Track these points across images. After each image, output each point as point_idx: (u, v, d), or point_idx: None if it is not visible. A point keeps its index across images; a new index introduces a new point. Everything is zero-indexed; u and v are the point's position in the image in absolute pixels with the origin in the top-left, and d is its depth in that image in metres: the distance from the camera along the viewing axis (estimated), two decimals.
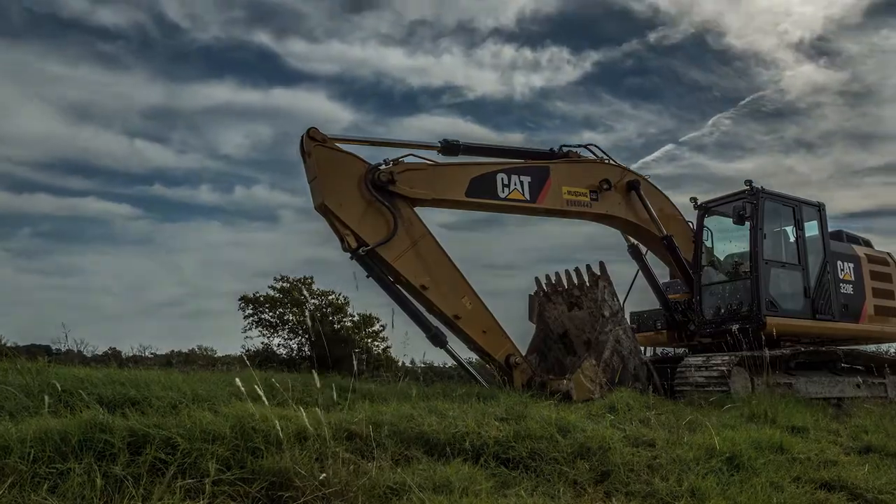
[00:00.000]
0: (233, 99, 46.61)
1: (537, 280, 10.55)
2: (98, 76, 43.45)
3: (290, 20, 47.37)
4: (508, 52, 56.83)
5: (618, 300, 9.65)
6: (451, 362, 9.12)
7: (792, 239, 10.74)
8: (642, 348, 10.58)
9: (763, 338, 9.10)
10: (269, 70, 49.67)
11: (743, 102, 53.58)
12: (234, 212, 54.93)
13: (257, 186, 56.35)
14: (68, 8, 38.89)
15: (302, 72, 52.31)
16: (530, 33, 54.68)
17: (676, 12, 52.57)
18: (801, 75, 55.38)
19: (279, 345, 26.00)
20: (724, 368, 8.79)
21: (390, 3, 52.30)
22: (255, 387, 4.58)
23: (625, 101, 58.19)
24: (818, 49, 53.83)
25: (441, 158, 9.34)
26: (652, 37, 52.51)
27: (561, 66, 57.47)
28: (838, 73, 54.92)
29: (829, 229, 11.20)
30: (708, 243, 11.27)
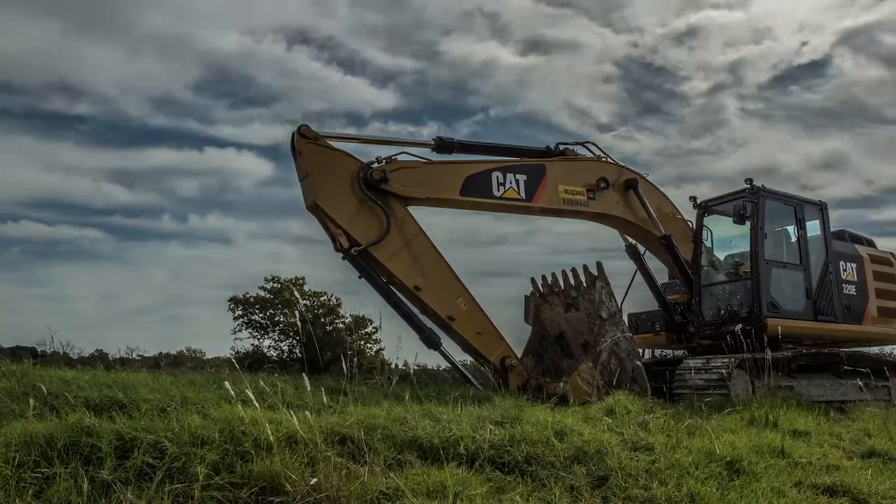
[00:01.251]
0: (178, 158, 62.98)
1: (533, 281, 10.45)
2: (70, 146, 60.31)
3: (206, 112, 64.88)
4: (394, 127, 71.21)
5: (615, 301, 9.56)
6: (445, 365, 9.04)
7: (793, 239, 10.64)
8: (640, 350, 10.49)
9: (765, 339, 9.00)
10: (204, 141, 65.43)
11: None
12: (190, 235, 65.94)
13: (210, 216, 68.66)
14: (53, 104, 57.29)
15: (232, 141, 68.82)
16: (405, 114, 71.45)
17: (502, 104, 73.19)
18: (621, 140, 68.25)
19: (270, 346, 25.89)
20: (724, 371, 8.69)
21: (282, 97, 67.85)
22: (246, 389, 4.52)
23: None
24: (620, 124, 71.70)
25: (435, 156, 9.24)
26: (492, 112, 72.14)
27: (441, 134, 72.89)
28: (648, 139, 72.29)
29: (832, 229, 11.09)
30: (707, 243, 11.17)
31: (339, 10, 63.62)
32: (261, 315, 25.78)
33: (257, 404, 4.51)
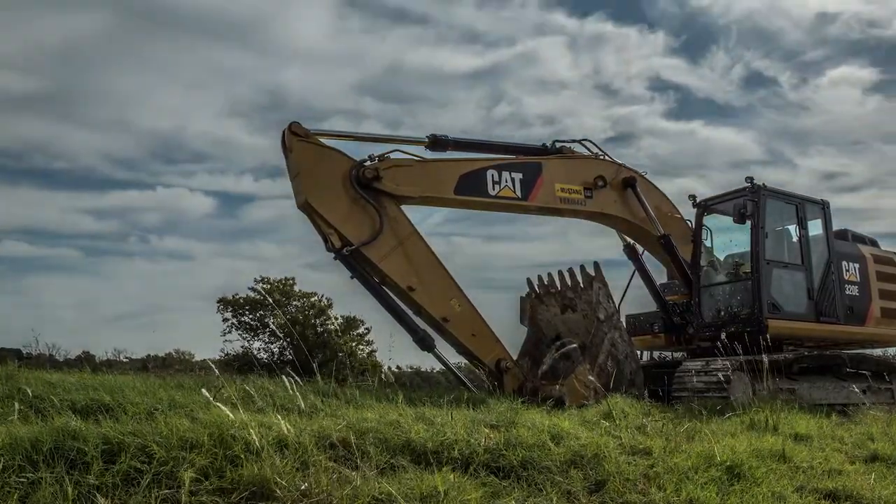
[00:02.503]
0: (137, 198, 72.71)
1: (529, 281, 10.36)
2: (47, 191, 72.91)
3: (157, 166, 75.71)
4: None
5: (613, 302, 9.49)
6: (439, 367, 8.96)
7: (795, 238, 10.54)
8: (639, 352, 10.40)
9: (769, 341, 8.90)
10: (158, 185, 72.96)
11: None
12: (154, 253, 72.88)
13: (169, 238, 76.82)
14: (35, 159, 67.98)
15: (182, 185, 77.85)
16: None
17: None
18: None
19: (259, 349, 25.73)
20: (723, 373, 8.60)
21: (217, 156, 74.29)
22: (234, 393, 4.44)
23: None
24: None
25: (429, 154, 9.15)
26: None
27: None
28: None
29: (834, 228, 10.99)
30: (707, 243, 11.07)
31: (243, 108, 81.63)
32: (250, 316, 25.65)
33: (240, 409, 4.44)
